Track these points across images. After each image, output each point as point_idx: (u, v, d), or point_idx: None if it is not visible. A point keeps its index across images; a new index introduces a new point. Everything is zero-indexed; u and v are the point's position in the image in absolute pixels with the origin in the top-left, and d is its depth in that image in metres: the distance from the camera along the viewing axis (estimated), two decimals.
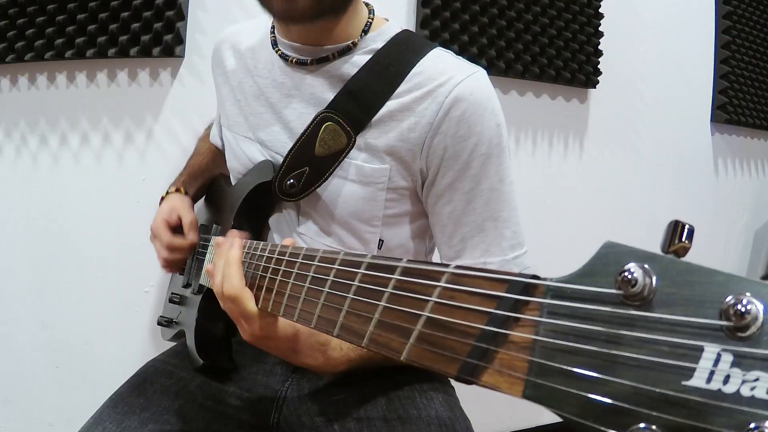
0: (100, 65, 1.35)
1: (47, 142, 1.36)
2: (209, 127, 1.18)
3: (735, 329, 0.21)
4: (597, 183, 1.88)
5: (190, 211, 1.00)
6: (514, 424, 1.78)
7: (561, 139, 1.81)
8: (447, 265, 0.33)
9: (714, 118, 2.08)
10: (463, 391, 0.87)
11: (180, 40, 1.32)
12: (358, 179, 0.80)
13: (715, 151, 2.13)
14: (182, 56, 1.35)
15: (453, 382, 0.89)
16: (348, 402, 0.78)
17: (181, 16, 1.31)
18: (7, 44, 1.31)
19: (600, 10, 1.75)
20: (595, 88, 1.78)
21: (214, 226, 0.97)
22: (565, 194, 1.83)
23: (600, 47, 1.76)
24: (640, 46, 1.91)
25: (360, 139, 0.79)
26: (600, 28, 1.75)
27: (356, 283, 0.40)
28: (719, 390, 0.20)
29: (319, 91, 0.82)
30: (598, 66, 1.76)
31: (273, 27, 0.88)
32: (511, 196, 0.81)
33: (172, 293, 1.04)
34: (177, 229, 0.98)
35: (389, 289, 0.36)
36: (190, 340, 0.90)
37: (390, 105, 0.78)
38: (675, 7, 1.97)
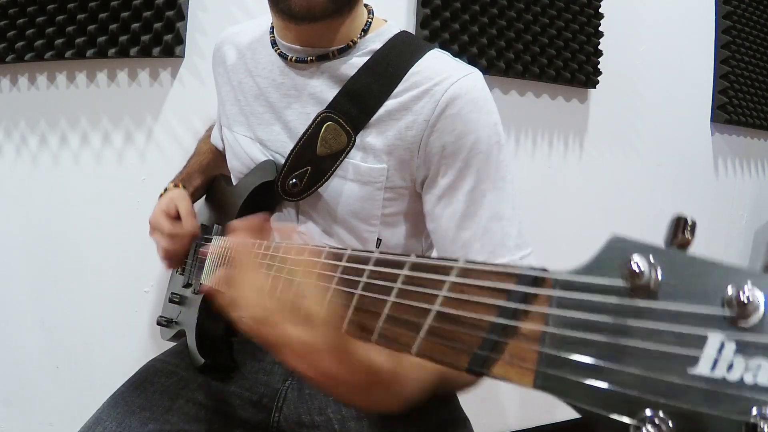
0: (100, 65, 1.35)
1: (47, 142, 1.36)
2: (210, 128, 1.19)
3: (737, 318, 0.21)
4: (597, 183, 1.88)
5: (188, 202, 1.00)
6: (514, 424, 1.78)
7: (561, 139, 1.81)
8: (456, 260, 0.33)
9: (714, 118, 2.08)
10: None
11: (180, 40, 1.32)
12: (356, 179, 0.81)
13: (715, 151, 2.13)
14: (182, 56, 1.35)
15: None
16: None
17: (181, 16, 1.31)
18: (7, 44, 1.31)
19: (600, 10, 1.75)
20: (595, 88, 1.78)
21: (215, 226, 0.97)
22: (565, 194, 1.83)
23: (600, 47, 1.76)
24: (640, 46, 1.91)
25: (359, 139, 0.80)
26: (600, 28, 1.75)
27: (364, 279, 0.40)
28: (723, 377, 0.21)
29: (318, 92, 0.82)
30: (598, 66, 1.76)
31: (272, 27, 0.88)
32: (513, 195, 0.80)
33: (172, 293, 1.04)
34: (176, 221, 0.99)
35: (398, 284, 0.36)
36: (191, 340, 0.90)
37: (388, 105, 0.79)
38: (675, 7, 1.97)
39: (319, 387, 0.47)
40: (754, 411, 0.20)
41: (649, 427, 0.22)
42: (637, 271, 0.24)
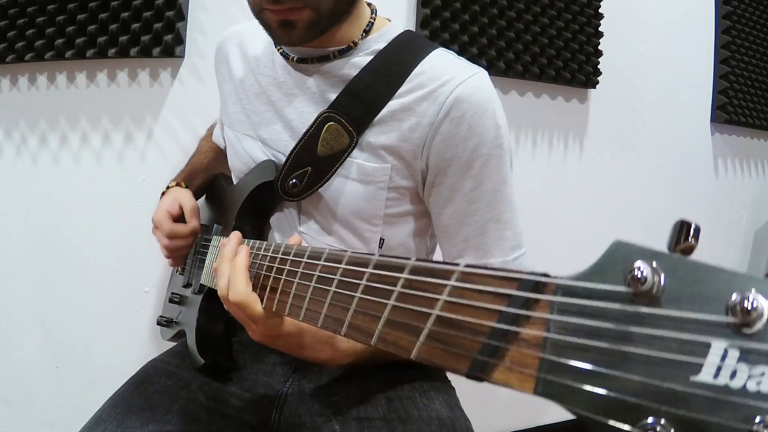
0: (100, 65, 1.34)
1: (47, 142, 1.36)
2: (211, 127, 1.19)
3: (741, 325, 0.21)
4: (597, 183, 1.88)
5: (192, 200, 1.00)
6: (514, 424, 1.78)
7: (561, 139, 1.81)
8: (456, 264, 0.33)
9: (714, 118, 2.08)
10: (463, 391, 0.87)
11: (180, 41, 1.32)
12: (359, 178, 0.80)
13: (715, 151, 2.13)
14: (182, 56, 1.35)
15: (455, 383, 0.89)
16: (348, 402, 0.78)
17: (181, 16, 1.31)
18: (7, 44, 1.31)
19: (600, 10, 1.75)
20: (595, 88, 1.78)
21: (215, 225, 0.97)
22: (564, 194, 1.83)
23: (600, 47, 1.76)
24: (640, 46, 1.91)
25: (362, 139, 0.79)
26: (600, 28, 1.75)
27: (364, 282, 0.40)
28: (726, 385, 0.21)
29: (320, 91, 0.82)
30: (598, 66, 1.76)
31: None
32: (512, 198, 0.82)
33: (172, 293, 1.04)
34: (179, 220, 0.99)
35: (398, 288, 0.36)
36: (191, 340, 0.90)
37: (392, 105, 0.78)
38: (675, 7, 1.97)
39: (266, 344, 0.69)
40: (758, 419, 0.20)
41: None
42: (640, 276, 0.23)
